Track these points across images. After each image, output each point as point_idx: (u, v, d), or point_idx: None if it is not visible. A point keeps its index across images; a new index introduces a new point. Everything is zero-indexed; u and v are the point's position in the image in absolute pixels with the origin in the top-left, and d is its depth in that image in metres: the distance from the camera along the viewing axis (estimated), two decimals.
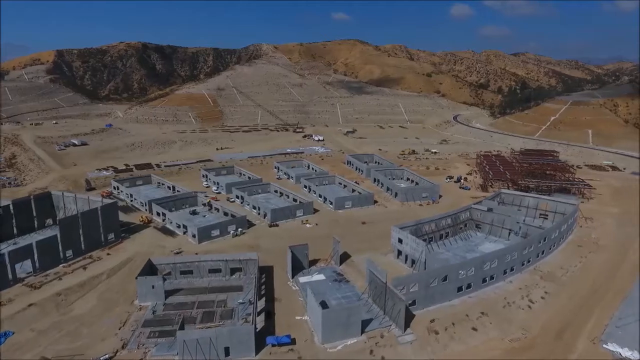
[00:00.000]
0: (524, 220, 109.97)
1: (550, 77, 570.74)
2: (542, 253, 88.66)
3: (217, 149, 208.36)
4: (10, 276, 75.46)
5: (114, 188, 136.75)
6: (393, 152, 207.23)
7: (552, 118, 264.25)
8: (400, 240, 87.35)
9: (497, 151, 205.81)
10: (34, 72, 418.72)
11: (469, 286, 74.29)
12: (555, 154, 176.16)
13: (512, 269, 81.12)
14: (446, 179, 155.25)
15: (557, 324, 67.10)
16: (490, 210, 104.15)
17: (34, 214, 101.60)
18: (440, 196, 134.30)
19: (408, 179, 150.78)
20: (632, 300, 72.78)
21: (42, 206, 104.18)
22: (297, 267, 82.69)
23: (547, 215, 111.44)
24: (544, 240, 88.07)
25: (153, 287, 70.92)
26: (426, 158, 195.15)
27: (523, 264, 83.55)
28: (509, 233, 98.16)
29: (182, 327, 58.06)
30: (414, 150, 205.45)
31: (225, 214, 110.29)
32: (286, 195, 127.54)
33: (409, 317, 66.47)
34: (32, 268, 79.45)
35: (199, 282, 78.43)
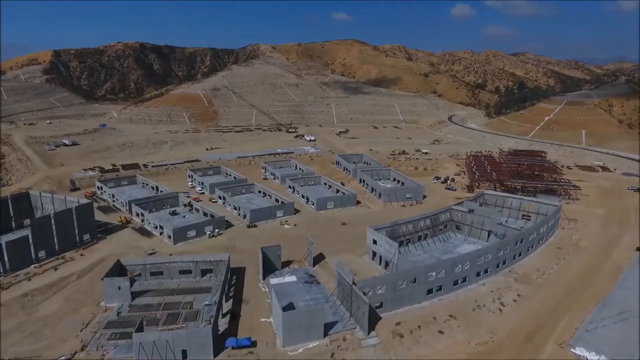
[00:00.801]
0: (505, 221, 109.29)
1: (549, 77, 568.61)
2: (519, 255, 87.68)
3: (207, 149, 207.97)
4: None
5: (98, 188, 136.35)
6: (384, 152, 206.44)
7: (547, 118, 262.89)
8: (375, 242, 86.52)
9: (489, 151, 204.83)
10: (31, 72, 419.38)
11: (440, 289, 73.43)
12: (543, 155, 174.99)
13: (486, 271, 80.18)
14: (433, 179, 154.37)
15: (527, 328, 66.17)
16: (471, 211, 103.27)
17: (11, 214, 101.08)
18: (425, 197, 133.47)
19: (395, 180, 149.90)
20: (607, 303, 71.85)
21: (20, 206, 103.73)
22: (270, 268, 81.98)
23: (529, 217, 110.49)
24: (521, 242, 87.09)
25: (119, 288, 70.30)
26: (416, 158, 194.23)
27: (498, 266, 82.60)
28: (488, 234, 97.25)
29: (140, 329, 57.34)
30: (404, 151, 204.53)
31: (205, 214, 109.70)
32: (269, 195, 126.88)
33: (375, 320, 65.70)
34: (2, 268, 78.93)
35: (169, 283, 77.80)
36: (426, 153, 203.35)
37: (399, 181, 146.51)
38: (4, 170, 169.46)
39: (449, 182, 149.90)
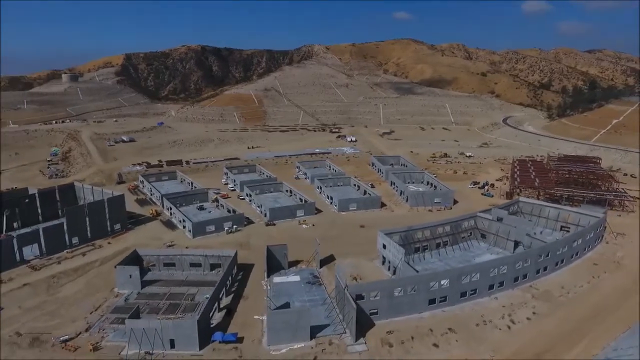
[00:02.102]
0: (540, 232, 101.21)
1: (628, 76, 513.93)
2: (544, 269, 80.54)
3: (248, 148, 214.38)
4: (17, 257, 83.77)
5: (140, 182, 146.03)
6: (425, 154, 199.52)
7: (615, 121, 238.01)
8: (385, 246, 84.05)
9: (541, 156, 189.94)
10: (105, 74, 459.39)
11: (444, 299, 69.60)
12: (597, 161, 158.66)
13: (501, 284, 74.64)
14: (470, 184, 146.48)
15: (535, 348, 60.81)
16: (500, 219, 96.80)
17: (58, 202, 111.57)
18: (457, 202, 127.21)
19: (428, 183, 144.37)
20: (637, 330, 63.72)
21: (66, 196, 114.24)
22: (276, 267, 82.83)
23: (569, 228, 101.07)
24: (546, 256, 79.88)
25: (130, 276, 74.88)
26: (458, 162, 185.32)
27: (516, 280, 76.53)
28: (515, 245, 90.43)
29: (135, 316, 60.67)
30: (446, 154, 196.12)
31: (229, 211, 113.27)
32: (295, 194, 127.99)
33: (368, 326, 63.98)
34: (39, 252, 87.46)
35: (179, 275, 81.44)
36: (470, 156, 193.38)
37: (432, 185, 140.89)
38: (67, 162, 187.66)
39: (486, 187, 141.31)
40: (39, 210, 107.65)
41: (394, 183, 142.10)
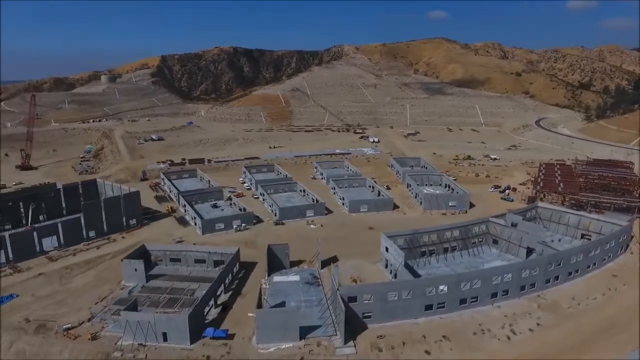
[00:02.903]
0: (558, 240, 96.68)
1: None
2: (556, 279, 76.59)
3: (269, 147, 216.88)
4: (37, 248, 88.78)
5: (161, 180, 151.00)
6: (448, 156, 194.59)
7: None
8: (387, 249, 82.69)
9: (574, 160, 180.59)
10: (141, 75, 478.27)
11: (442, 305, 67.61)
12: (630, 166, 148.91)
13: (505, 293, 71.66)
14: (491, 188, 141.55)
15: None
16: (514, 225, 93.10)
17: (81, 197, 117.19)
18: (474, 206, 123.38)
19: (446, 186, 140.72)
20: None
21: (89, 191, 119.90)
22: (278, 266, 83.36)
23: (590, 236, 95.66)
24: (557, 264, 75.92)
25: (136, 269, 77.60)
26: (482, 164, 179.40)
27: (523, 289, 73.22)
28: (528, 252, 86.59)
29: (131, 308, 62.81)
30: (469, 156, 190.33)
31: (240, 209, 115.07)
32: (308, 195, 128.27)
33: (360, 329, 63.19)
34: (57, 244, 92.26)
35: (184, 270, 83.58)
36: (495, 159, 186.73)
37: (449, 187, 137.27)
38: (98, 160, 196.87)
39: (507, 191, 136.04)
40: (63, 205, 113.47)
41: (410, 185, 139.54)
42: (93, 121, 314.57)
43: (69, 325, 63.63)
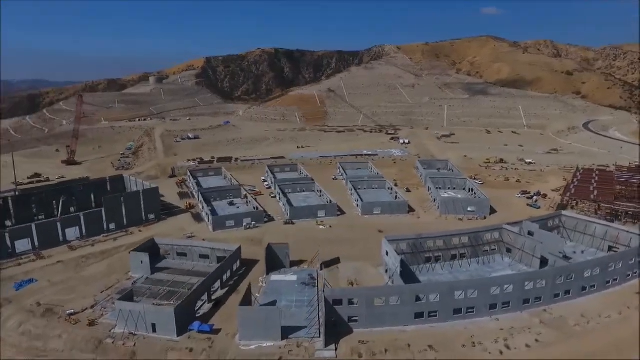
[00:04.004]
0: (582, 252, 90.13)
1: None
2: (567, 293, 71.29)
3: (297, 147, 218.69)
4: (61, 238, 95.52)
5: (188, 177, 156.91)
6: (479, 159, 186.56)
7: None
8: (387, 253, 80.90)
9: (615, 165, 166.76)
10: (187, 76, 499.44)
11: (434, 314, 65.10)
12: None
13: (506, 305, 67.73)
14: (519, 193, 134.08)
15: None
16: (531, 234, 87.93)
17: (109, 191, 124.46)
18: (495, 212, 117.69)
19: (470, 190, 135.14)
20: None
21: (117, 186, 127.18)
22: (279, 265, 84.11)
23: (618, 249, 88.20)
24: (568, 277, 70.61)
25: (142, 262, 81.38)
26: (515, 169, 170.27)
27: (527, 302, 68.82)
28: (542, 263, 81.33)
29: (127, 299, 65.99)
30: (502, 159, 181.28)
31: (255, 208, 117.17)
32: (324, 195, 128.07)
33: (345, 333, 62.38)
34: (80, 234, 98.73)
35: (188, 264, 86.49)
36: (530, 163, 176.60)
37: (472, 192, 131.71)
38: (136, 156, 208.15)
39: (535, 198, 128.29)
40: (92, 198, 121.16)
41: (431, 188, 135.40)
42: (138, 120, 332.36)
43: (72, 311, 67.98)
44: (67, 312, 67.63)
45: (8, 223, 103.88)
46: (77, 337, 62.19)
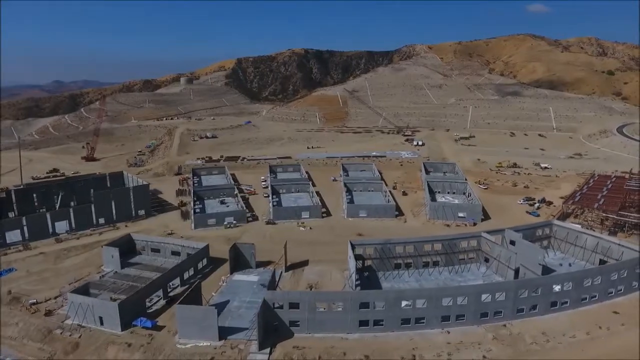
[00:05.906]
0: (569, 264, 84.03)
1: None
2: (533, 308, 66.34)
3: (307, 148, 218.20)
4: (50, 231, 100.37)
5: (192, 175, 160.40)
6: (493, 163, 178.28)
7: None
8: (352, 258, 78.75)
9: (629, 172, 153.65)
10: (217, 77, 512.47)
11: (379, 323, 62.56)
12: None
13: (461, 317, 63.93)
14: (522, 199, 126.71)
15: None
16: (512, 243, 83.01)
17: (109, 187, 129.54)
18: (489, 218, 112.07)
19: (470, 195, 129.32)
20: None
21: (117, 181, 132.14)
22: (244, 265, 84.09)
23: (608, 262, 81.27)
24: (533, 292, 65.64)
25: (112, 256, 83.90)
26: (528, 173, 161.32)
27: (486, 316, 64.65)
28: (516, 274, 76.36)
29: (82, 292, 68.13)
30: (515, 163, 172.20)
31: (241, 207, 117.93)
32: (315, 196, 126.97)
33: (285, 338, 61.27)
34: (69, 228, 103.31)
35: (160, 261, 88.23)
36: (545, 168, 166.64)
37: (470, 197, 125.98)
38: (152, 154, 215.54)
39: (537, 204, 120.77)
40: (92, 193, 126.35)
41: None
42: (165, 119, 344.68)
43: (34, 300, 71.11)
44: (30, 301, 70.79)
45: (11, 214, 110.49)
46: (31, 326, 64.98)
